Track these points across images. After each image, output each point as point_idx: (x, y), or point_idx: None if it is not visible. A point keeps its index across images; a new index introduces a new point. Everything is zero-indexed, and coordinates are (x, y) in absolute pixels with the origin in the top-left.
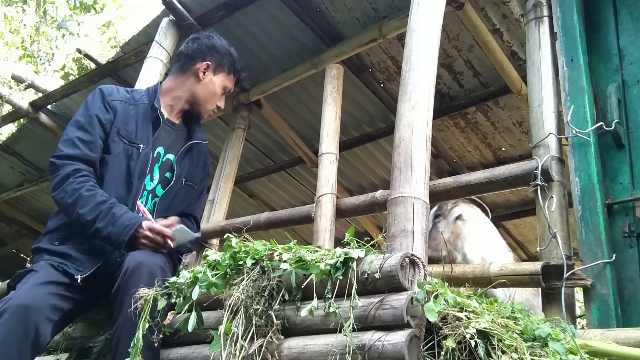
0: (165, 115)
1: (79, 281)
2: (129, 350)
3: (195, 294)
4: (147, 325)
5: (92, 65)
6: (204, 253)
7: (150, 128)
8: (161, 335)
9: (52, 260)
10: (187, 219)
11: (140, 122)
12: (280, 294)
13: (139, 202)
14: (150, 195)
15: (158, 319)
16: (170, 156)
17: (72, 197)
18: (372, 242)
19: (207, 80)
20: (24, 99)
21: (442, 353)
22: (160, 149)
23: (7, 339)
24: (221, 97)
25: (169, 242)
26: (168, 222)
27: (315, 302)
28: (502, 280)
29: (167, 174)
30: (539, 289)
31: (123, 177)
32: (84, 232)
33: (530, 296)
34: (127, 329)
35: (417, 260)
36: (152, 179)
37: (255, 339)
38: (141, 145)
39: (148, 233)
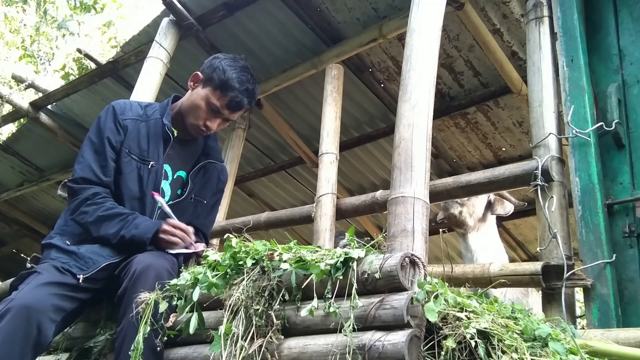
0: (176, 132)
1: (80, 281)
2: (130, 352)
3: (196, 295)
4: (147, 328)
5: (93, 65)
6: (204, 254)
7: (161, 145)
8: (165, 338)
9: (57, 261)
10: (196, 232)
11: (152, 139)
12: (281, 294)
13: (154, 194)
14: (160, 211)
15: (161, 322)
16: (182, 173)
17: (93, 217)
18: (372, 242)
19: (194, 92)
20: (24, 98)
21: (442, 353)
22: (166, 167)
23: (10, 339)
24: (208, 114)
25: (192, 236)
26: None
27: (315, 302)
28: (502, 280)
29: (179, 191)
30: (529, 289)
31: (136, 197)
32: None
33: (520, 295)
34: (132, 331)
35: (417, 260)
36: (162, 196)
37: (255, 339)
38: (152, 162)
39: (171, 228)
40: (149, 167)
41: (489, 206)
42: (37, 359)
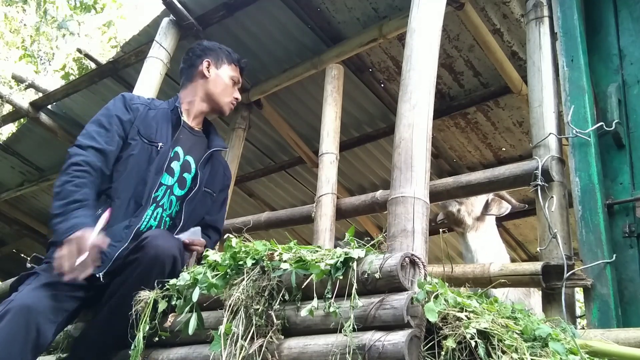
0: (185, 119)
1: (101, 279)
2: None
3: (196, 295)
4: (147, 327)
5: (93, 65)
6: (204, 253)
7: (170, 129)
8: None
9: None
10: (208, 230)
11: (160, 123)
12: (281, 294)
13: (105, 214)
14: (168, 191)
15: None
16: (190, 158)
17: (59, 188)
18: (372, 242)
19: (214, 75)
20: (25, 98)
21: (442, 353)
22: (178, 149)
23: (9, 341)
24: (233, 88)
25: (88, 260)
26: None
27: (315, 302)
28: (503, 281)
29: (186, 175)
30: (531, 289)
31: (140, 173)
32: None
33: (522, 295)
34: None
35: (418, 260)
36: (172, 175)
37: (255, 339)
38: (160, 144)
39: (71, 247)
40: (158, 148)
41: (486, 206)
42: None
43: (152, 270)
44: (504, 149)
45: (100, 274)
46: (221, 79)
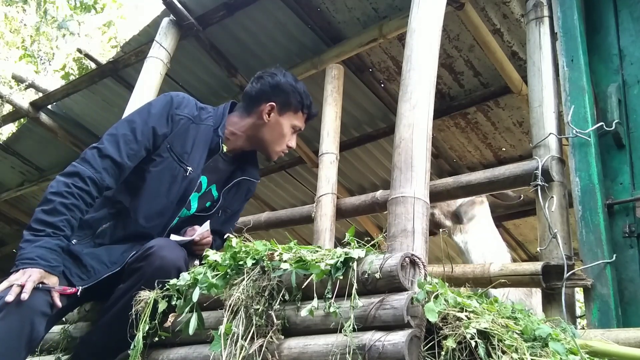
0: (225, 148)
1: (78, 293)
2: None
3: (196, 295)
4: (146, 327)
5: (93, 65)
6: (204, 253)
7: (206, 154)
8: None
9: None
10: (215, 236)
11: (197, 144)
12: (281, 294)
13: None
14: (179, 218)
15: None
16: (213, 187)
17: (51, 196)
18: (372, 242)
19: (273, 121)
20: (25, 98)
21: (443, 353)
22: (203, 178)
23: (5, 337)
24: (292, 136)
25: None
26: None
27: (315, 302)
28: (503, 281)
29: (208, 204)
30: (532, 289)
31: (162, 199)
32: (104, 233)
33: (523, 296)
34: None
35: (418, 260)
36: (188, 209)
37: (255, 339)
38: (190, 169)
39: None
40: (186, 173)
41: (457, 219)
42: (37, 359)
43: (156, 280)
44: (504, 149)
45: (80, 288)
46: (280, 127)
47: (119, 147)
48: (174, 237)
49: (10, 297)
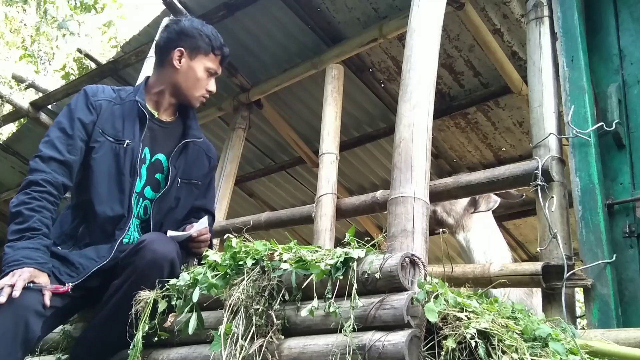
0: (156, 114)
1: (69, 290)
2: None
3: (196, 295)
4: (146, 327)
5: (93, 65)
6: (204, 253)
7: (137, 124)
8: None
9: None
10: (199, 213)
11: (127, 119)
12: (281, 294)
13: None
14: (141, 198)
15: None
16: (161, 156)
17: (15, 208)
18: (372, 242)
19: (185, 67)
20: (25, 98)
21: (443, 353)
22: (146, 150)
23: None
24: (208, 79)
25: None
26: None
27: (315, 302)
28: (503, 281)
29: (158, 175)
30: (533, 289)
31: (113, 177)
32: (83, 236)
33: (524, 295)
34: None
35: (418, 260)
36: (140, 180)
37: (255, 339)
38: (127, 141)
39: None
40: (125, 146)
41: (474, 203)
42: (37, 359)
43: (149, 274)
44: (504, 149)
45: (70, 284)
46: (193, 72)
47: (56, 147)
48: (170, 233)
49: (2, 298)
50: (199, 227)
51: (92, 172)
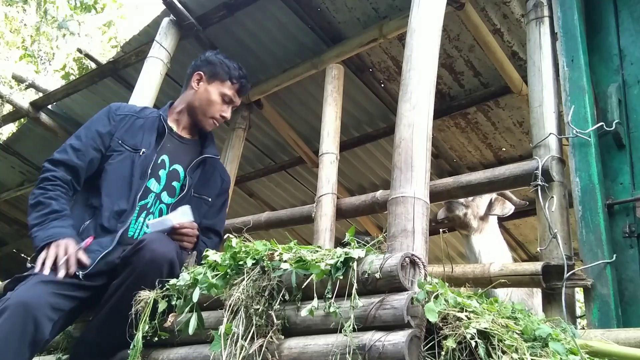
0: (174, 129)
1: (81, 277)
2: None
3: (196, 296)
4: (146, 327)
5: (93, 65)
6: (204, 253)
7: (154, 136)
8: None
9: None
10: (208, 233)
11: (147, 132)
12: (281, 294)
13: (88, 240)
14: (158, 200)
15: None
16: (178, 167)
17: (34, 200)
18: (372, 242)
19: (202, 89)
20: (25, 98)
21: (443, 353)
22: (165, 157)
23: (7, 337)
24: (223, 105)
25: (71, 267)
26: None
27: (315, 302)
28: (503, 281)
29: (175, 183)
30: (534, 290)
31: (125, 179)
32: (90, 231)
33: (525, 296)
34: (130, 291)
35: (418, 260)
36: (158, 181)
37: (255, 339)
38: (143, 149)
39: (53, 250)
40: (140, 154)
41: (490, 206)
42: (37, 359)
43: (148, 274)
44: (504, 149)
45: (81, 273)
46: (207, 94)
47: (67, 152)
48: (151, 221)
49: (61, 273)
50: (180, 218)
51: (106, 174)
